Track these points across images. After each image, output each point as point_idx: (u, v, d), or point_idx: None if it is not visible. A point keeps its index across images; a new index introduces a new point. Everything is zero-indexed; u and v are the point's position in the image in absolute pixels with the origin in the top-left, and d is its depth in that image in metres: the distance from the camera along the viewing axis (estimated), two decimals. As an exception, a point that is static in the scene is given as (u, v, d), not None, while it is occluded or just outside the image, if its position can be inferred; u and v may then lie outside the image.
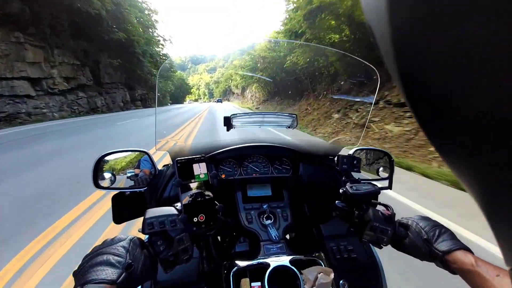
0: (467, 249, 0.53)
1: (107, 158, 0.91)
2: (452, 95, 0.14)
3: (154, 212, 0.58)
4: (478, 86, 0.12)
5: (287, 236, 0.93)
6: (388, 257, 0.91)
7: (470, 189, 0.17)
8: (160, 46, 39.32)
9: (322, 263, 0.69)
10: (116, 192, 0.91)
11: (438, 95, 0.14)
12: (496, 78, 0.11)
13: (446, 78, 0.13)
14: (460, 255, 0.52)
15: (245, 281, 0.65)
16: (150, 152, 0.93)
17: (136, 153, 0.96)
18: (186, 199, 0.61)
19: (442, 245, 0.55)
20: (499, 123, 0.12)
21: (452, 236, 0.57)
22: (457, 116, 0.14)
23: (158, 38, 37.88)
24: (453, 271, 0.53)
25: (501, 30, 0.10)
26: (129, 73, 30.38)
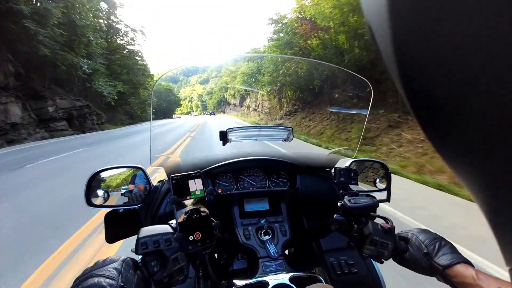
0: (467, 262, 0.52)
1: (100, 175, 0.89)
2: (452, 95, 0.14)
3: (148, 231, 0.57)
4: (478, 86, 0.12)
5: (286, 252, 0.91)
6: (391, 270, 0.89)
7: (470, 189, 0.17)
8: (130, 40, 31.97)
9: (322, 280, 0.67)
10: (109, 210, 0.89)
11: (438, 95, 0.14)
12: (496, 78, 0.11)
13: (446, 78, 0.13)
14: (460, 268, 0.51)
15: None
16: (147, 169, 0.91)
17: (131, 169, 0.94)
18: (181, 217, 0.59)
19: (443, 259, 0.54)
20: (499, 123, 0.12)
21: (452, 249, 0.56)
22: (457, 116, 0.14)
23: (118, 25, 29.73)
24: (454, 285, 0.52)
25: (501, 30, 0.10)
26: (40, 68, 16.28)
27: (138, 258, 0.56)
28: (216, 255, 0.94)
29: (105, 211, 0.89)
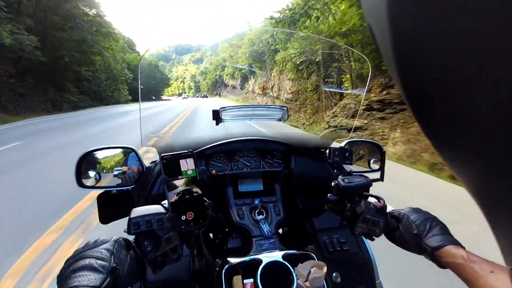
0: (458, 244, 0.52)
1: (91, 156, 0.87)
2: (452, 95, 0.14)
3: (140, 211, 0.56)
4: (478, 86, 0.12)
5: (280, 231, 0.92)
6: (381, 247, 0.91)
7: (470, 189, 0.17)
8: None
9: (314, 257, 0.69)
10: (101, 191, 0.88)
11: (438, 95, 0.14)
12: (496, 78, 0.11)
13: (446, 78, 0.13)
14: (450, 250, 0.51)
15: (237, 279, 0.64)
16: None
17: (122, 150, 0.92)
18: (173, 197, 0.59)
19: (432, 240, 0.54)
20: (499, 123, 0.12)
21: (443, 230, 0.56)
22: (457, 116, 0.14)
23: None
24: (442, 265, 0.52)
25: (501, 30, 0.10)
26: None
27: (131, 238, 0.56)
28: (211, 235, 0.96)
29: (98, 192, 0.88)
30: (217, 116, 1.02)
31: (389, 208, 0.67)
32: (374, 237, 0.65)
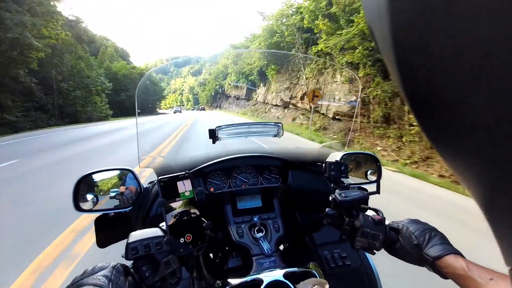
0: (458, 253, 0.53)
1: (88, 179, 0.87)
2: (451, 95, 0.14)
3: (138, 235, 0.56)
4: (478, 86, 0.12)
5: (281, 247, 0.91)
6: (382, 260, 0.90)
7: (470, 189, 0.17)
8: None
9: (316, 274, 0.68)
10: (99, 214, 0.87)
11: (438, 95, 0.14)
12: (496, 78, 0.11)
13: (446, 78, 0.13)
14: (450, 260, 0.51)
15: None
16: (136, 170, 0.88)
17: (120, 172, 0.92)
18: (171, 220, 0.59)
19: (432, 250, 0.54)
20: (498, 123, 0.12)
21: (442, 240, 0.56)
22: (457, 116, 0.14)
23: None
24: (444, 276, 0.52)
25: (500, 30, 0.10)
26: None
27: (129, 264, 0.55)
28: (211, 255, 0.94)
29: (95, 215, 0.87)
30: (213, 134, 1.03)
31: (387, 221, 0.67)
32: (374, 251, 0.64)
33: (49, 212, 3.25)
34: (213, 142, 1.04)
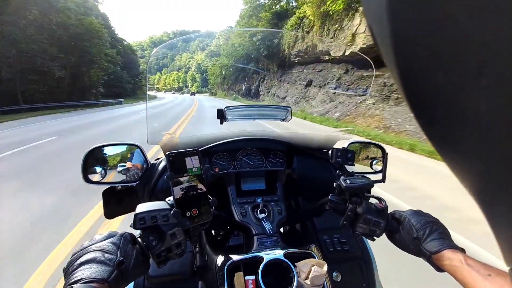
0: (456, 248, 0.53)
1: (97, 152, 0.89)
2: (451, 95, 0.14)
3: (145, 206, 0.57)
4: (478, 86, 0.12)
5: (281, 230, 0.93)
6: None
7: (470, 189, 0.16)
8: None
9: (315, 256, 0.70)
10: (107, 186, 0.90)
11: (438, 95, 0.14)
12: (496, 78, 0.11)
13: (446, 78, 0.13)
14: (448, 254, 0.51)
15: (239, 275, 0.65)
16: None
17: (127, 147, 0.94)
18: (178, 194, 0.60)
19: (431, 245, 0.55)
20: (498, 122, 0.12)
21: (442, 234, 0.57)
22: (457, 116, 0.14)
23: None
24: (440, 269, 0.53)
25: (500, 30, 0.10)
26: None
27: (137, 234, 0.57)
28: (213, 232, 0.97)
29: (103, 187, 0.90)
30: (221, 115, 1.03)
31: (390, 209, 0.68)
32: (374, 237, 0.65)
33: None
34: (221, 123, 1.04)
